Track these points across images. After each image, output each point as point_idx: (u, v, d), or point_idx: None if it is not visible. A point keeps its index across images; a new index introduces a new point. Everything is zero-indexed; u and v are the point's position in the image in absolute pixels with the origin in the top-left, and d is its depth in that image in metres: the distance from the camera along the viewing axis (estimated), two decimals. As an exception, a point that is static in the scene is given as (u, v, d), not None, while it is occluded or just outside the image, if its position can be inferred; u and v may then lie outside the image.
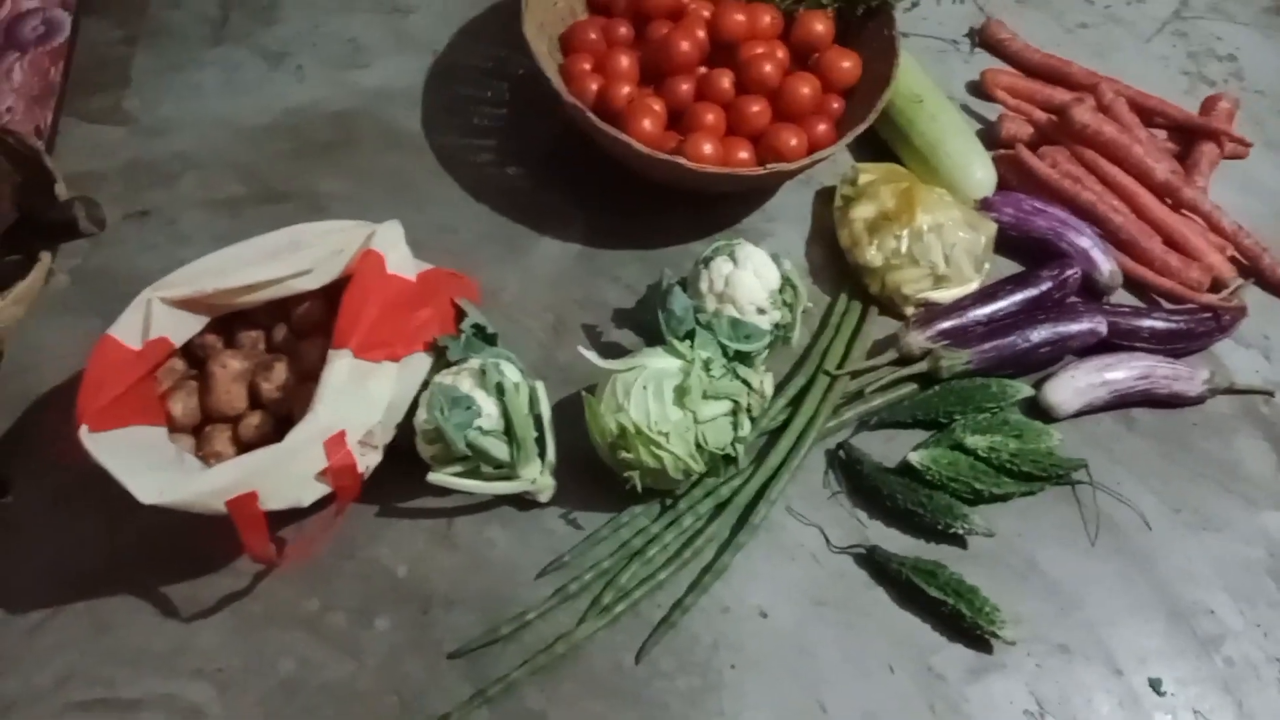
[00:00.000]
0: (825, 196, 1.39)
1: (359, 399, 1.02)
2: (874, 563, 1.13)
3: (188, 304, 1.06)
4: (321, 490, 1.01)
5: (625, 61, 1.31)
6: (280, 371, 1.11)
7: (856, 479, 1.18)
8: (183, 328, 1.06)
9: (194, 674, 1.05)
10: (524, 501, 1.15)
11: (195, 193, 1.38)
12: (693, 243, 1.36)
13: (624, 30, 1.37)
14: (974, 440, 1.17)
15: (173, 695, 1.04)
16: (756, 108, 1.27)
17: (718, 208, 1.37)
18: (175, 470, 0.97)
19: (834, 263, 1.34)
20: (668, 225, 1.36)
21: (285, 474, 0.97)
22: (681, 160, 1.19)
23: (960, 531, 1.13)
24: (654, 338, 1.24)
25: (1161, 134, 1.47)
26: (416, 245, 1.13)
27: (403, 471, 1.10)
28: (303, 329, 1.15)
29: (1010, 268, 1.34)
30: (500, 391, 1.09)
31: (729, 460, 1.11)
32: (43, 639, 1.07)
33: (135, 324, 1.01)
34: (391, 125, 1.45)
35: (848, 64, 1.33)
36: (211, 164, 1.40)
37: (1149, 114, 1.47)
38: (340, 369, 1.01)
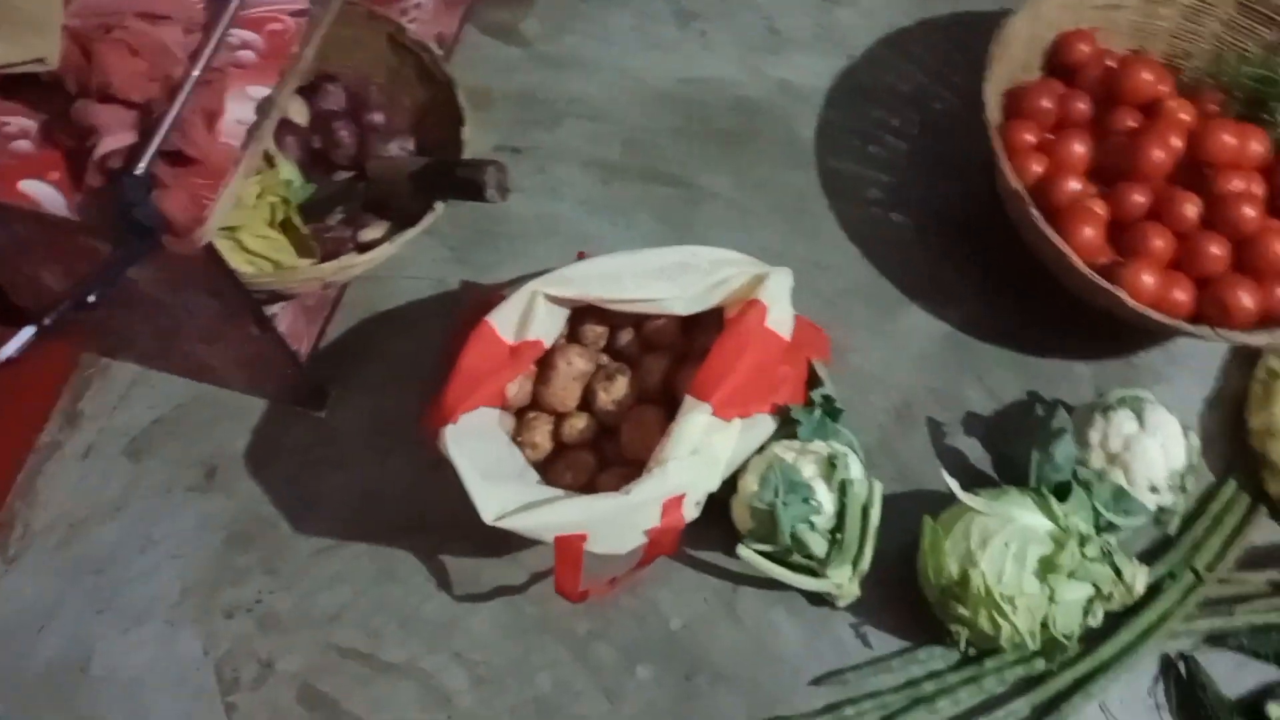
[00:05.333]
0: (1240, 356, 1.20)
1: (705, 460, 0.95)
2: (1187, 806, 0.99)
3: (563, 301, 1.00)
4: (640, 541, 0.95)
5: (1079, 150, 1.15)
6: (621, 386, 1.04)
7: (1193, 703, 1.03)
8: (553, 325, 1.01)
9: (454, 657, 1.04)
10: (817, 597, 1.07)
11: (573, 143, 1.32)
12: (1079, 362, 1.20)
13: (1082, 107, 1.20)
14: (1348, 715, 1.00)
15: (429, 673, 1.03)
16: (1217, 250, 1.09)
17: (1118, 332, 1.20)
18: (515, 483, 0.93)
19: (1230, 437, 1.16)
20: (1056, 332, 1.21)
21: (620, 524, 0.92)
22: (1121, 294, 1.03)
23: (1298, 812, 0.98)
24: (1009, 467, 1.11)
25: None
26: (782, 275, 1.04)
27: (705, 522, 1.03)
28: (651, 342, 1.08)
29: None
30: (844, 490, 0.99)
31: (1063, 646, 0.98)
32: (325, 565, 1.07)
33: (513, 316, 0.97)
34: (789, 129, 1.34)
35: (1333, 223, 1.12)
36: (598, 117, 1.33)
37: None
38: (696, 424, 0.94)
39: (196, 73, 0.68)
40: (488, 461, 0.92)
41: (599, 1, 1.42)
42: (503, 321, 0.96)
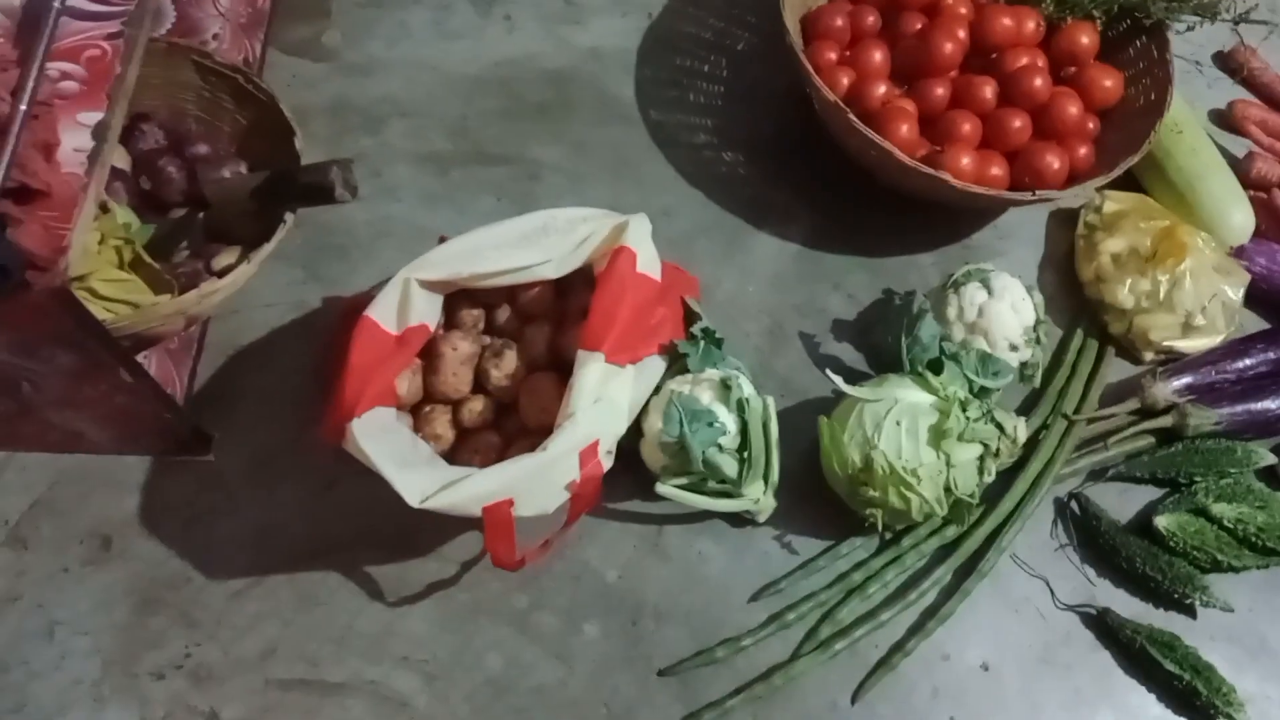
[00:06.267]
0: (1061, 219, 1.32)
1: (608, 406, 0.97)
2: (1104, 625, 1.08)
3: (436, 285, 1.00)
4: (564, 497, 0.97)
5: (878, 57, 1.23)
6: (511, 360, 1.05)
7: (1090, 534, 1.12)
8: (432, 309, 1.01)
9: (399, 662, 1.02)
10: (737, 518, 1.11)
11: (402, 143, 1.31)
12: (920, 254, 1.29)
13: (872, 19, 1.28)
14: (1220, 508, 1.11)
15: (377, 683, 1.01)
16: (1019, 123, 1.19)
17: (948, 219, 1.29)
18: (428, 467, 0.93)
19: (1068, 292, 1.27)
20: (894, 232, 1.29)
21: (542, 483, 0.93)
22: (946, 176, 1.11)
23: (1198, 603, 1.08)
24: (881, 358, 1.18)
25: None
26: (634, 227, 1.08)
27: (619, 473, 1.05)
28: (528, 313, 1.10)
29: (1254, 322, 1.27)
30: (741, 408, 1.04)
31: (968, 506, 1.06)
32: (245, 607, 1.04)
33: (391, 306, 0.96)
34: (606, 91, 1.37)
35: (1110, 83, 1.24)
36: (419, 113, 1.33)
37: None
38: (593, 373, 0.96)
39: (23, 107, 0.65)
40: (398, 452, 0.92)
41: (395, 3, 1.42)
42: (382, 313, 0.96)
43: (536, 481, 0.92)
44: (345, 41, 1.39)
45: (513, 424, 1.07)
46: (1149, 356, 1.22)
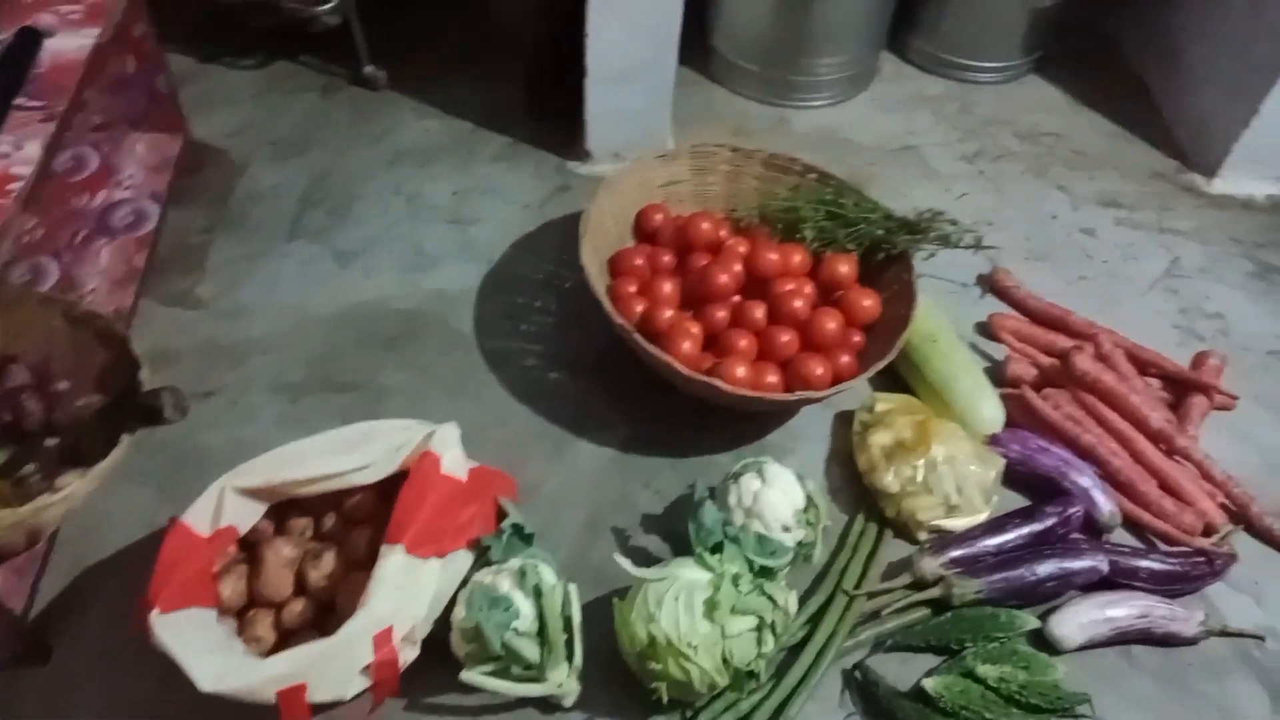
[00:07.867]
0: (845, 420, 1.49)
1: (407, 595, 1.08)
2: (887, 788, 1.16)
3: (256, 492, 1.13)
4: (364, 683, 1.06)
5: (668, 288, 1.44)
6: (329, 561, 1.17)
7: (872, 701, 1.22)
8: (247, 514, 1.14)
9: None
10: (549, 705, 1.19)
11: (261, 376, 1.48)
12: (721, 454, 1.44)
13: (667, 258, 1.50)
14: (985, 669, 1.22)
15: None
16: (786, 337, 1.39)
17: (746, 424, 1.47)
18: (229, 655, 1.02)
19: (852, 483, 1.43)
20: (699, 436, 1.46)
21: (335, 667, 1.02)
22: (718, 382, 1.29)
23: (968, 761, 1.17)
24: (682, 547, 1.31)
25: (1156, 384, 1.58)
26: (467, 438, 1.22)
27: (433, 666, 1.15)
28: (353, 518, 1.22)
29: (1017, 501, 1.42)
30: (538, 594, 1.15)
31: (751, 676, 1.16)
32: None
33: (206, 512, 1.08)
34: (449, 325, 1.57)
35: (869, 303, 1.45)
36: (279, 350, 1.51)
37: (1144, 364, 1.58)
38: (393, 564, 1.07)
39: None
40: (206, 644, 1.01)
41: (265, 258, 1.63)
42: (196, 519, 1.07)
43: (330, 664, 1.01)
44: (218, 291, 1.58)
45: (334, 624, 1.15)
46: (922, 536, 1.36)
